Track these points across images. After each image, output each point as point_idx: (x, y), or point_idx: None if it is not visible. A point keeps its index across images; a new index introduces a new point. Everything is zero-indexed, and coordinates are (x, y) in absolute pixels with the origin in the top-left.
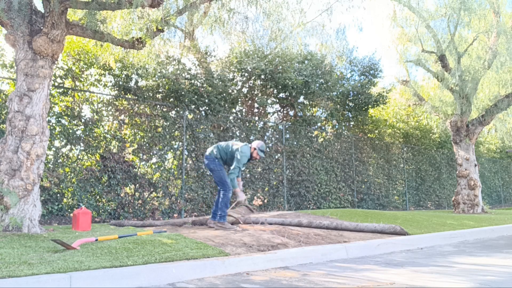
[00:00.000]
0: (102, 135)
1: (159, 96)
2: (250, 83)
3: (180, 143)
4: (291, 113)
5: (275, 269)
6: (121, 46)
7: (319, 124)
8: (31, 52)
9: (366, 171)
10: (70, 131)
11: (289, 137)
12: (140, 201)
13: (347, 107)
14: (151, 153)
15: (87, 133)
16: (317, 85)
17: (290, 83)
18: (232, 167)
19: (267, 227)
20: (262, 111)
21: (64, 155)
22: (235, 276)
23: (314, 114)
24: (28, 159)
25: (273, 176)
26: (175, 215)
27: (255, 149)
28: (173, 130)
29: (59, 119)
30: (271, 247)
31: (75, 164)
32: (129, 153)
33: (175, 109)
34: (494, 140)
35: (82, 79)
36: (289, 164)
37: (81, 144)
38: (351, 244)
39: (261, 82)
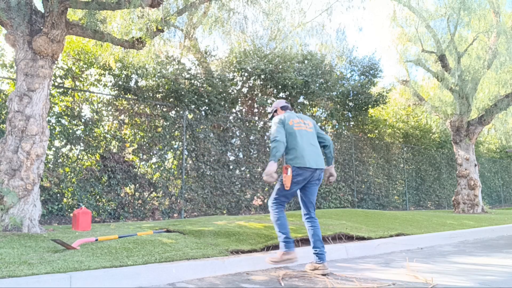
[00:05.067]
0: (102, 135)
1: (159, 96)
2: (250, 83)
3: (180, 143)
4: None
5: (275, 269)
6: (121, 46)
7: (319, 124)
8: (31, 52)
9: (366, 171)
10: (70, 131)
11: None
12: (140, 201)
13: (347, 107)
14: (151, 153)
15: (87, 133)
16: (317, 85)
17: (290, 83)
18: None
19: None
20: (262, 111)
21: (64, 155)
22: (235, 276)
23: (314, 114)
24: (28, 159)
25: None
26: (175, 215)
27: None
28: (173, 130)
29: (59, 119)
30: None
31: (75, 164)
32: (129, 153)
33: (175, 109)
34: (494, 140)
35: (82, 79)
36: None
37: (81, 144)
38: (351, 244)
39: (261, 82)
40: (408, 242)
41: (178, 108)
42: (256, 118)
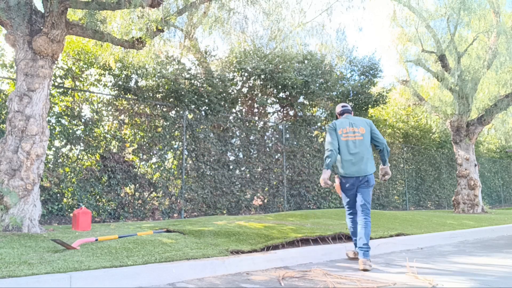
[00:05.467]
0: (102, 135)
1: (159, 96)
2: (250, 83)
3: (180, 143)
4: (291, 113)
5: (275, 269)
6: (121, 46)
7: (319, 124)
8: (31, 52)
9: None
10: (70, 131)
11: (289, 137)
12: (140, 201)
13: None
14: (151, 153)
15: (87, 133)
16: (317, 85)
17: (290, 83)
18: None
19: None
20: (262, 111)
21: (64, 155)
22: (235, 276)
23: (314, 114)
24: (28, 159)
25: (273, 176)
26: (175, 215)
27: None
28: (173, 130)
29: (59, 119)
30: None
31: (75, 164)
32: (129, 153)
33: (175, 109)
34: (494, 140)
35: (82, 79)
36: (289, 164)
37: (81, 144)
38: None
39: (261, 82)
40: (408, 242)
41: (178, 108)
42: (256, 118)
